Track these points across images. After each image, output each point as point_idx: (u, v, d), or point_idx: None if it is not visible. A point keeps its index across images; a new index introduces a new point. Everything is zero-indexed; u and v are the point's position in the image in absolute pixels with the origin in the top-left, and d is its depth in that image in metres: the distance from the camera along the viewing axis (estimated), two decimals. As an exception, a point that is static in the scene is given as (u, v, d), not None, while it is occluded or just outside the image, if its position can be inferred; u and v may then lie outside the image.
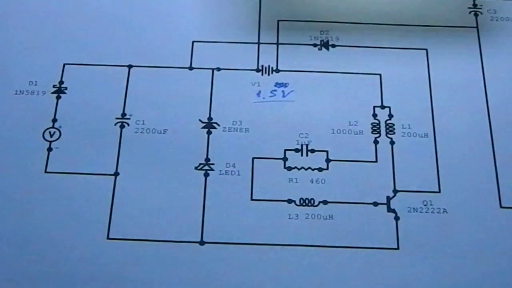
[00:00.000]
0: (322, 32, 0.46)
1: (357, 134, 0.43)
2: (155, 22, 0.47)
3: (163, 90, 0.44)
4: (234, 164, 0.42)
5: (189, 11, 0.47)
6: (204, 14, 0.47)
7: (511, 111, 0.44)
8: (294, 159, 0.42)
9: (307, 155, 0.43)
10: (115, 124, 0.43)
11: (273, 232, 0.41)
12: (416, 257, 0.40)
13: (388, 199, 0.41)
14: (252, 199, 0.41)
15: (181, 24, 0.47)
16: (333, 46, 0.46)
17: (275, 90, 0.44)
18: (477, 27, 0.47)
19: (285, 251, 0.40)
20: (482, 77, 0.45)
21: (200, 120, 0.43)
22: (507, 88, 0.45)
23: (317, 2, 0.47)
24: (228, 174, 0.42)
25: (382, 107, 0.44)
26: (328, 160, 0.42)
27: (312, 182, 0.42)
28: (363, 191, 0.42)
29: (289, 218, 0.41)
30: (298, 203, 0.41)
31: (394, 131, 0.43)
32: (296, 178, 0.42)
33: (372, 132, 0.43)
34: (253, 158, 0.42)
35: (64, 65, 0.45)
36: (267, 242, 0.40)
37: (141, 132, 0.43)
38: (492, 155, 0.42)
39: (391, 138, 0.43)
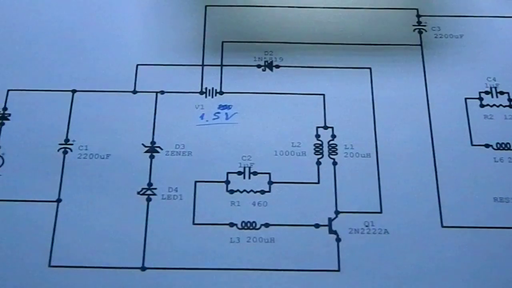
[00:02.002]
0: (266, 53, 0.47)
1: (299, 155, 0.43)
2: (100, 46, 0.47)
3: (107, 115, 0.44)
4: (176, 188, 0.42)
5: (134, 34, 0.47)
6: (149, 37, 0.47)
7: (454, 129, 0.44)
8: (236, 182, 0.42)
9: (249, 177, 0.43)
10: (58, 150, 0.43)
11: (214, 257, 0.41)
12: (356, 278, 0.40)
13: (330, 220, 0.41)
14: (194, 223, 0.41)
15: (125, 48, 0.47)
16: (277, 66, 0.46)
17: (218, 113, 0.44)
18: (421, 44, 0.47)
19: (227, 275, 0.40)
20: (425, 96, 0.45)
21: (143, 144, 0.43)
22: (450, 107, 0.45)
23: (261, 23, 0.47)
24: (171, 199, 0.42)
25: (325, 127, 0.44)
26: (270, 183, 0.42)
27: (254, 205, 0.42)
28: (305, 213, 0.42)
29: (231, 242, 0.41)
30: (240, 226, 0.41)
31: (337, 151, 0.43)
32: (238, 201, 0.42)
33: (315, 153, 0.43)
34: (196, 181, 0.42)
35: (8, 91, 0.45)
36: (208, 267, 0.40)
37: (84, 158, 0.43)
38: (434, 174, 0.43)
39: (333, 159, 0.43)
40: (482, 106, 0.45)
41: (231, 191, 0.42)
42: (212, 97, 0.45)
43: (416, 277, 0.40)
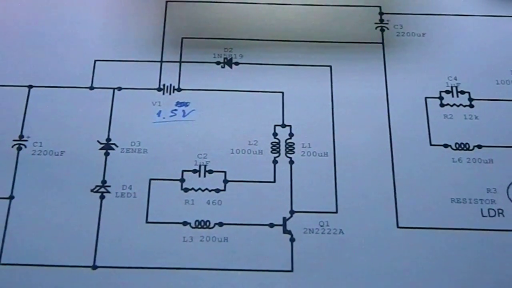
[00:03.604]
0: (226, 50, 0.46)
1: (256, 153, 0.43)
2: (57, 41, 0.46)
3: (63, 111, 0.44)
4: (130, 186, 0.42)
5: (92, 30, 0.47)
6: (108, 32, 0.46)
7: (413, 129, 0.44)
8: (191, 180, 0.42)
9: (205, 176, 0.42)
10: (12, 146, 0.43)
11: (167, 256, 0.40)
12: (309, 279, 0.39)
13: (285, 220, 0.41)
14: (147, 222, 0.41)
15: (83, 43, 0.46)
16: (237, 63, 0.46)
17: (175, 110, 0.44)
18: (383, 42, 0.46)
19: (179, 274, 0.40)
20: (385, 94, 0.45)
21: (98, 141, 0.43)
22: (410, 106, 0.44)
23: (222, 19, 0.47)
24: (124, 197, 0.42)
25: (283, 125, 0.44)
26: (225, 181, 0.42)
27: (209, 203, 0.41)
28: (260, 212, 0.41)
29: (184, 241, 0.40)
30: (193, 225, 0.41)
31: (294, 150, 0.43)
32: (192, 200, 0.41)
33: (271, 152, 0.43)
34: (150, 179, 0.42)
35: (-37, 86, 0.44)
36: (160, 266, 0.40)
37: (38, 154, 0.43)
38: (391, 174, 0.42)
39: (290, 158, 0.43)
40: (442, 105, 0.45)
41: (186, 190, 0.42)
42: (170, 94, 0.45)
43: (370, 277, 0.40)
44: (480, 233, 0.41)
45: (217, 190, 0.42)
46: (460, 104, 0.45)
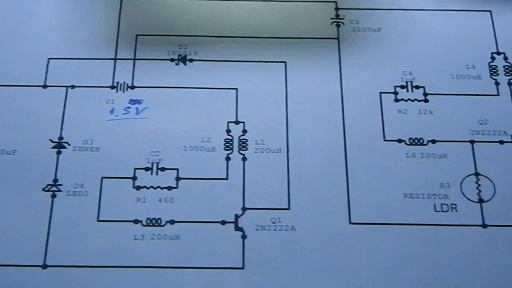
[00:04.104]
0: (180, 47, 0.46)
1: (209, 151, 0.43)
2: (10, 39, 0.46)
3: (16, 110, 0.44)
4: (82, 184, 0.42)
5: (46, 27, 0.46)
6: (62, 30, 0.46)
7: (367, 124, 0.44)
8: (143, 178, 0.42)
9: (157, 173, 0.42)
10: (-37, 145, 0.42)
11: (118, 254, 0.40)
12: (260, 276, 0.39)
13: (236, 217, 0.41)
14: (98, 220, 0.41)
15: (37, 41, 0.46)
16: (191, 60, 0.45)
17: (129, 107, 0.44)
18: (338, 38, 0.46)
19: (130, 273, 0.40)
20: (340, 90, 0.44)
21: (50, 140, 0.43)
22: (364, 101, 0.44)
23: (177, 16, 0.47)
24: (76, 195, 0.41)
25: (236, 122, 0.43)
26: (178, 179, 0.42)
27: (161, 201, 0.41)
28: (212, 210, 0.41)
29: (135, 239, 0.40)
30: (144, 223, 0.41)
31: (247, 147, 0.43)
32: (144, 198, 0.41)
33: (224, 149, 0.43)
34: (102, 177, 0.42)
35: None
36: (111, 264, 0.40)
37: (-11, 154, 0.42)
38: (344, 170, 0.42)
39: (243, 155, 0.43)
40: (397, 100, 0.45)
41: (138, 188, 0.42)
42: (123, 91, 0.44)
43: (321, 274, 0.39)
44: (433, 228, 0.41)
45: (169, 188, 0.42)
46: (415, 99, 0.45)
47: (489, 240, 0.41)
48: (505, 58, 0.46)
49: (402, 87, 0.45)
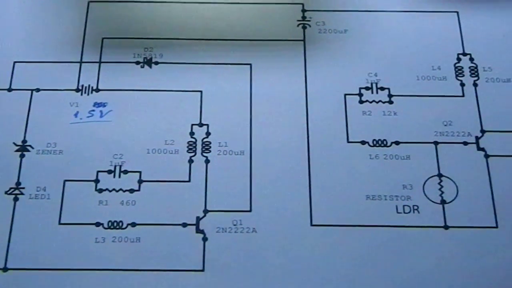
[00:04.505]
0: (146, 49, 0.46)
1: (172, 153, 0.43)
2: (-25, 43, 0.46)
3: (-19, 113, 0.43)
4: (45, 187, 0.42)
5: (12, 31, 0.46)
6: (28, 33, 0.46)
7: (331, 126, 0.44)
8: (106, 181, 0.42)
9: (119, 176, 0.42)
10: None
11: (79, 257, 0.40)
12: (220, 278, 0.40)
13: (198, 219, 0.41)
14: (60, 223, 0.41)
15: (2, 44, 0.46)
16: (156, 63, 0.45)
17: (93, 110, 0.44)
18: (304, 40, 0.46)
19: (90, 275, 0.40)
20: (304, 92, 0.44)
21: (14, 143, 0.43)
22: (329, 103, 0.44)
23: (144, 19, 0.47)
24: (38, 198, 0.41)
25: (200, 125, 0.43)
26: (140, 181, 0.42)
27: (123, 204, 0.41)
28: (173, 212, 0.41)
29: (96, 242, 0.40)
30: (106, 226, 0.41)
31: (210, 149, 0.43)
32: (106, 201, 0.41)
33: (187, 151, 0.43)
34: (65, 180, 0.42)
35: None
36: (72, 267, 0.40)
37: (-47, 157, 0.42)
38: (307, 172, 0.42)
39: (206, 157, 0.43)
40: (361, 102, 0.45)
41: (100, 190, 0.42)
42: (88, 94, 0.45)
43: (282, 276, 0.39)
44: (395, 230, 0.41)
45: (132, 191, 0.42)
46: (380, 101, 0.45)
47: (450, 241, 0.41)
48: (471, 59, 0.46)
49: (367, 88, 0.45)
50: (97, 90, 0.45)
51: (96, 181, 0.42)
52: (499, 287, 0.39)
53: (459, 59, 0.46)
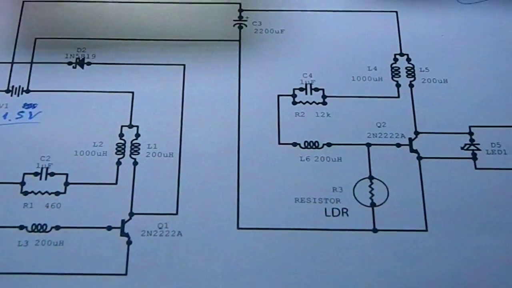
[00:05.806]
0: (79, 50, 0.45)
1: (100, 155, 0.42)
2: None
3: None
4: (-31, 190, 0.41)
5: None
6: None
7: (262, 128, 0.43)
8: (32, 183, 0.41)
9: (46, 178, 0.41)
10: None
11: (1, 260, 0.39)
12: (143, 282, 0.39)
13: (123, 222, 0.40)
14: (-17, 226, 0.40)
15: None
16: (89, 64, 0.45)
17: (22, 112, 0.43)
18: (239, 40, 0.45)
19: (11, 279, 0.39)
20: (237, 93, 0.44)
21: None
22: (261, 104, 0.44)
23: (78, 18, 0.46)
24: (-38, 201, 0.41)
25: (130, 126, 0.43)
26: (67, 184, 0.41)
27: (48, 207, 0.41)
28: (99, 215, 0.41)
29: (19, 245, 0.40)
30: (29, 229, 0.40)
31: (139, 151, 0.42)
32: (31, 203, 0.41)
33: (116, 153, 0.42)
34: (-10, 183, 0.41)
35: None
36: (-6, 271, 0.39)
37: None
38: (236, 174, 0.41)
39: (134, 159, 0.42)
40: (294, 103, 0.44)
41: (26, 193, 0.41)
42: (18, 95, 0.44)
43: (205, 280, 0.39)
44: (323, 233, 0.41)
45: (57, 193, 0.41)
46: (313, 102, 0.44)
47: (378, 244, 0.40)
48: (408, 60, 0.45)
49: (301, 89, 0.44)
50: (28, 91, 0.44)
51: (22, 183, 0.41)
52: (425, 291, 0.39)
53: (396, 60, 0.45)
